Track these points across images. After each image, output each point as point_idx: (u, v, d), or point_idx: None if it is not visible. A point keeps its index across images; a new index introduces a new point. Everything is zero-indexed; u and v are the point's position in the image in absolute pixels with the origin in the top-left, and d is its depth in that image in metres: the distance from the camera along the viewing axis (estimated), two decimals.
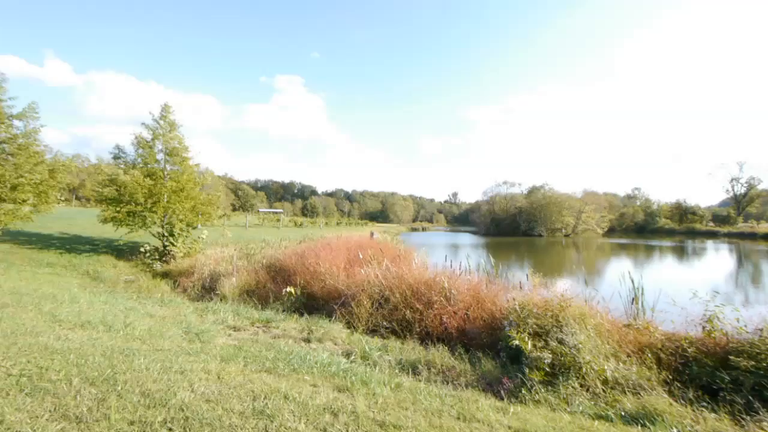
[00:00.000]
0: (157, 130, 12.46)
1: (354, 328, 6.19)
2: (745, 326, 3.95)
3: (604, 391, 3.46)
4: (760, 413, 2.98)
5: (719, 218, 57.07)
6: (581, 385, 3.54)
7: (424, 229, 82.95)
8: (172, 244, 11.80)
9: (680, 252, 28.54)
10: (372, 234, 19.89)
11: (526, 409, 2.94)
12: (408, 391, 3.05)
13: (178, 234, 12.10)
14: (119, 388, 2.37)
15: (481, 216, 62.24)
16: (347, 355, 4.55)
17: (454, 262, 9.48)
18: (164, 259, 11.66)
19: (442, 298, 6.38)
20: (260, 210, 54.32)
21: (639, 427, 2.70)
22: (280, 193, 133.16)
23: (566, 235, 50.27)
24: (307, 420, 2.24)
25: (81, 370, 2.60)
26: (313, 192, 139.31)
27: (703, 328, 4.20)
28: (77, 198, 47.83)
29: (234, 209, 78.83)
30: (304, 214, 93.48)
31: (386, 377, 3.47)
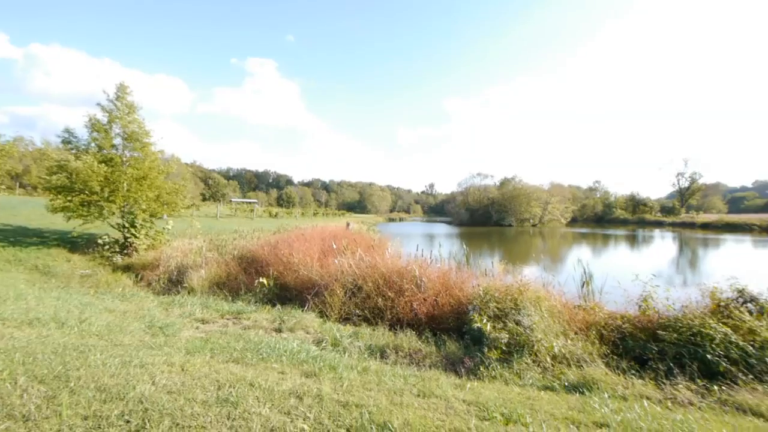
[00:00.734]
0: (114, 112, 11.54)
1: (327, 317, 6.28)
2: (673, 304, 4.46)
3: (552, 365, 3.80)
4: (678, 377, 3.43)
5: (666, 209, 62.33)
6: (533, 361, 3.86)
7: (401, 220, 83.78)
8: (134, 236, 11.18)
9: (632, 240, 30.95)
10: (348, 224, 19.89)
11: (482, 384, 3.18)
12: (374, 374, 3.20)
13: (141, 225, 11.46)
14: (72, 384, 2.31)
15: (456, 207, 63.74)
16: (318, 342, 4.64)
17: (428, 252, 9.77)
18: (126, 251, 11.05)
19: (413, 286, 6.59)
20: (233, 200, 52.39)
21: (578, 395, 3.02)
22: (254, 182, 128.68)
23: (533, 225, 52.80)
24: (272, 405, 2.31)
25: (28, 369, 2.50)
26: (289, 182, 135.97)
27: (639, 306, 4.68)
28: (21, 186, 43.53)
29: (204, 199, 75.34)
30: (279, 205, 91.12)
31: (355, 362, 3.60)
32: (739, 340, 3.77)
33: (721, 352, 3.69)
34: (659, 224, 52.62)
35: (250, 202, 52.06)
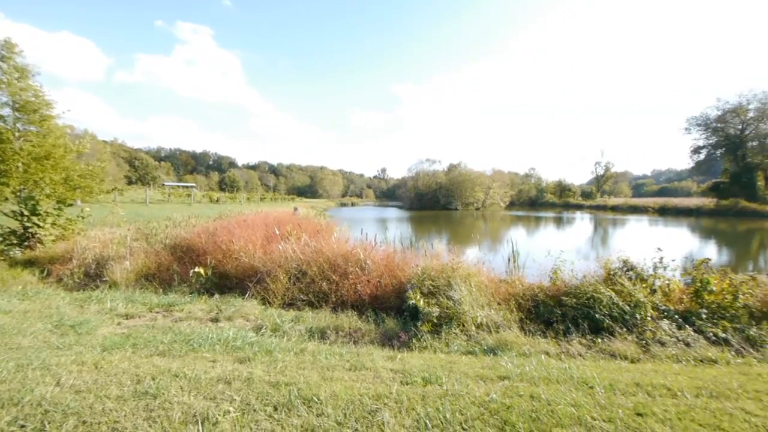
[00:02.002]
0: None
1: (269, 303, 6.18)
2: (576, 275, 5.25)
3: (477, 333, 4.27)
4: (573, 335, 4.11)
5: (585, 194, 71.28)
6: (461, 331, 4.30)
7: (353, 204, 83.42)
8: (37, 226, 9.60)
9: (558, 221, 34.97)
10: (296, 209, 19.32)
11: (411, 354, 3.47)
12: (310, 354, 3.30)
13: (47, 213, 9.86)
14: None
15: (406, 191, 65.33)
16: (258, 329, 4.58)
17: (380, 236, 10.01)
18: (27, 243, 9.48)
19: (357, 269, 6.75)
20: (166, 184, 47.22)
21: (492, 356, 3.47)
22: (191, 164, 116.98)
23: (477, 209, 56.64)
24: (198, 392, 2.29)
25: None
26: (233, 164, 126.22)
27: (551, 278, 5.42)
28: None
29: (130, 183, 66.58)
30: (222, 189, 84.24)
31: (293, 344, 3.66)
32: (619, 301, 4.60)
33: (606, 312, 4.48)
34: (580, 207, 60.07)
35: (186, 187, 47.50)
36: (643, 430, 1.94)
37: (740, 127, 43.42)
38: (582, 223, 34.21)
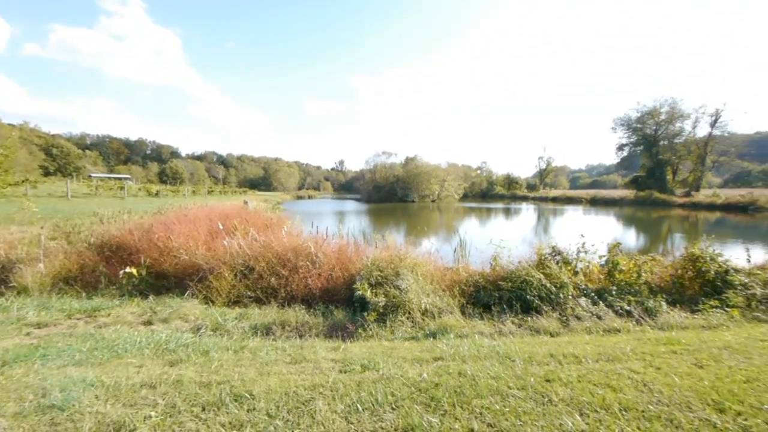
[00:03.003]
0: None
1: (212, 302, 5.86)
2: (513, 261, 5.72)
3: (422, 319, 4.48)
4: (507, 315, 4.51)
5: (530, 186, 77.37)
6: (407, 318, 4.47)
7: (310, 197, 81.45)
8: None
9: (506, 212, 37.61)
10: (246, 202, 18.36)
11: (356, 344, 3.55)
12: (250, 351, 3.21)
13: None
14: None
15: (364, 184, 65.33)
16: (196, 330, 4.33)
17: (337, 229, 9.89)
18: None
19: (308, 263, 6.65)
20: (93, 175, 41.81)
21: (432, 339, 3.67)
22: (124, 153, 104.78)
23: (432, 201, 58.61)
24: (116, 400, 2.13)
25: None
26: (175, 154, 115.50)
27: (491, 264, 5.84)
28: None
29: (47, 174, 57.77)
30: (163, 181, 76.66)
31: (233, 343, 3.52)
32: (547, 283, 5.12)
33: (536, 293, 4.96)
34: (525, 198, 65.13)
35: (119, 178, 42.63)
36: (550, 393, 2.21)
37: (654, 128, 49.94)
38: (527, 213, 37.12)
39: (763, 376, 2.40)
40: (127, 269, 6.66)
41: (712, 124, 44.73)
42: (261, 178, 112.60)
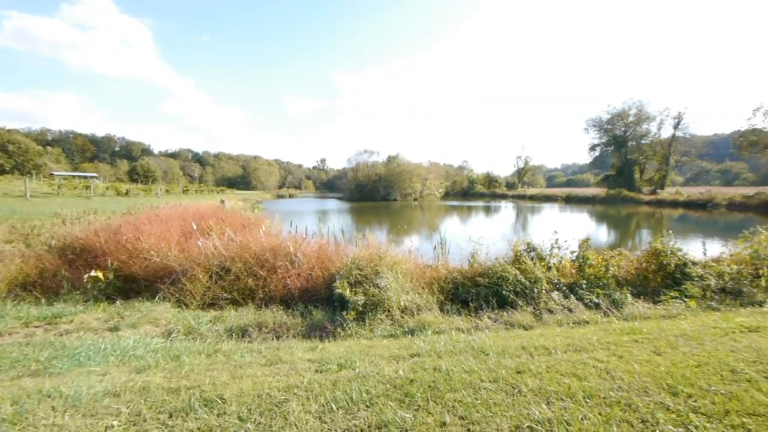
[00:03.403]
0: None
1: (186, 305, 5.65)
2: (490, 257, 5.86)
3: (401, 317, 4.51)
4: (484, 310, 4.62)
5: (509, 184, 79.54)
6: (387, 316, 4.49)
7: (291, 196, 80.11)
8: None
9: (486, 210, 38.50)
10: (223, 202, 17.82)
11: (334, 343, 3.53)
12: (224, 354, 3.13)
13: None
14: None
15: (347, 182, 64.95)
16: (167, 334, 4.17)
17: (319, 228, 9.76)
18: None
19: (287, 263, 6.53)
20: (55, 173, 39.25)
21: (410, 336, 3.71)
22: (90, 150, 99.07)
23: (415, 199, 59.09)
24: (76, 411, 2.01)
25: None
26: (147, 151, 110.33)
27: (469, 261, 5.96)
28: None
29: (2, 171, 53.69)
30: (133, 180, 72.95)
31: (206, 347, 3.42)
32: (522, 278, 5.28)
33: (511, 289, 5.10)
34: (504, 197, 66.93)
35: (85, 177, 40.29)
36: (520, 384, 2.29)
37: (623, 129, 52.53)
38: (506, 211, 38.13)
39: (713, 360, 2.58)
40: (93, 273, 6.31)
41: (675, 126, 47.64)
42: (240, 177, 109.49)
